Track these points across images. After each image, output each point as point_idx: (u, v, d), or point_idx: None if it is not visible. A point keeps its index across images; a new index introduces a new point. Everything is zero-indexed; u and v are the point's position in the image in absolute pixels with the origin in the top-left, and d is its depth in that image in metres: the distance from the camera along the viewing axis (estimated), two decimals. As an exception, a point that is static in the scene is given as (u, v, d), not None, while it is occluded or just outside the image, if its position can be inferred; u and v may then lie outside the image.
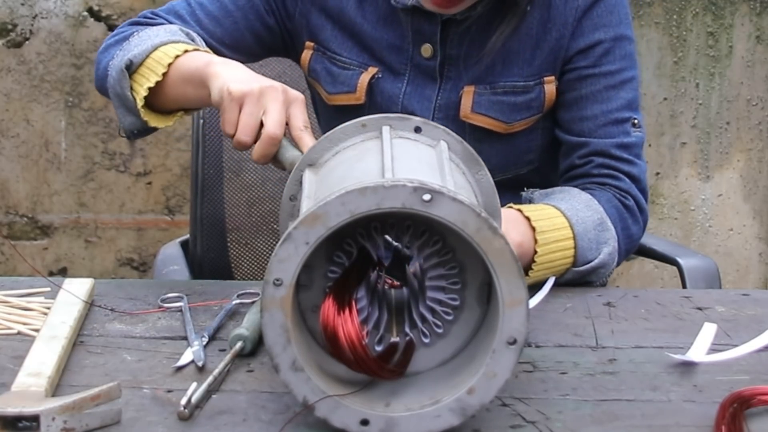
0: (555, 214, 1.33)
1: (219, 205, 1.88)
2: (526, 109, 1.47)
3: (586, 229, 1.34)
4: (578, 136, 1.47)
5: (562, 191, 1.41)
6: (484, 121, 1.46)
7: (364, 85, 1.48)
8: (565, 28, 1.44)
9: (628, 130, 1.46)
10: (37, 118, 2.78)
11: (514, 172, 1.51)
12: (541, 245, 1.29)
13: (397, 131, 1.08)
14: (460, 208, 0.89)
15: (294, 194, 1.13)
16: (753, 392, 0.96)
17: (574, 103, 1.47)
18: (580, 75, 1.46)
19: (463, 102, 1.46)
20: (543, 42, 1.45)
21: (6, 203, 2.83)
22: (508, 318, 0.91)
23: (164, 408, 0.99)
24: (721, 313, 1.25)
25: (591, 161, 1.46)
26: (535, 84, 1.46)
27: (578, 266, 1.33)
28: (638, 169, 1.46)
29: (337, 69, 1.51)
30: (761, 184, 2.88)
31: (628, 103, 1.47)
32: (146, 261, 2.87)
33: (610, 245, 1.36)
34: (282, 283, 0.91)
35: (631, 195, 1.45)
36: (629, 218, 1.43)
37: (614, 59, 1.46)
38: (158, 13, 1.51)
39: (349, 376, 0.96)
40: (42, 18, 2.72)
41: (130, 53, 1.35)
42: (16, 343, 1.14)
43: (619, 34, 1.46)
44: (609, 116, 1.45)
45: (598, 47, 1.45)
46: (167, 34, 1.38)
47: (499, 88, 1.46)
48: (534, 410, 0.99)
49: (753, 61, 2.80)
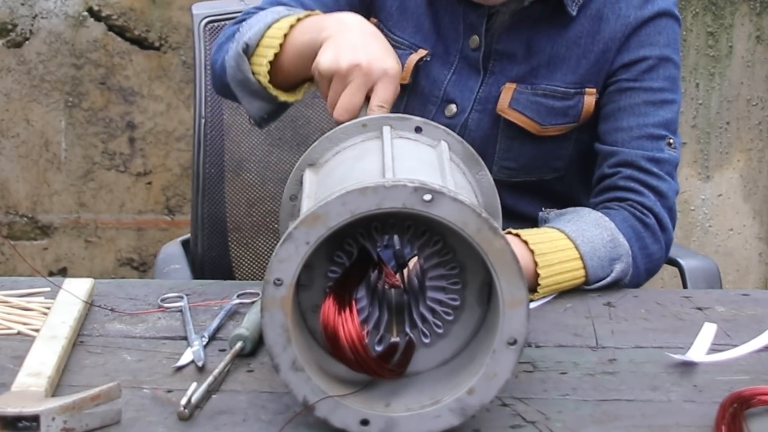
0: (558, 236, 1.33)
1: (220, 205, 1.88)
2: (562, 115, 1.47)
3: (595, 247, 1.32)
4: (611, 145, 1.46)
5: (573, 212, 1.40)
6: (519, 118, 1.46)
7: (411, 66, 1.50)
8: (612, 42, 1.44)
9: (661, 147, 1.44)
10: (37, 118, 2.78)
11: (538, 175, 1.51)
12: (543, 267, 1.28)
13: (398, 131, 1.08)
14: (461, 208, 0.89)
15: (294, 194, 1.13)
16: (753, 392, 0.96)
17: (612, 115, 1.46)
18: (621, 87, 1.46)
19: (502, 96, 1.47)
20: (590, 53, 1.45)
21: (6, 203, 2.83)
22: (508, 318, 0.91)
23: (164, 408, 0.99)
24: (721, 313, 1.25)
25: (619, 172, 1.44)
26: (576, 92, 1.46)
27: (590, 284, 1.32)
28: (667, 186, 1.44)
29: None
30: (761, 184, 2.88)
31: (665, 122, 1.45)
32: (146, 261, 2.87)
33: (623, 261, 1.35)
34: (282, 283, 0.91)
35: (654, 213, 1.42)
36: (648, 237, 1.41)
37: (657, 77, 1.45)
38: (261, 6, 1.50)
39: (349, 376, 0.96)
40: (42, 18, 2.72)
41: (244, 37, 1.36)
42: (16, 343, 1.14)
43: (665, 55, 1.46)
44: (644, 130, 1.44)
45: (642, 63, 1.45)
46: (276, 14, 1.38)
47: (540, 90, 1.46)
48: (534, 410, 0.99)
49: (753, 61, 2.80)
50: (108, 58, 2.75)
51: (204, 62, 1.85)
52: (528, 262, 1.27)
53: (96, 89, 2.76)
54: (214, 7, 1.89)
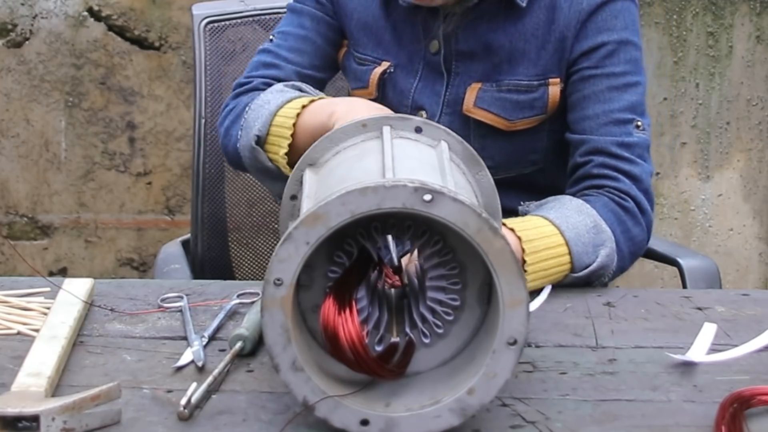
0: (542, 223, 1.33)
1: (220, 205, 1.88)
2: (528, 108, 1.48)
3: (579, 234, 1.33)
4: (580, 134, 1.47)
5: (554, 200, 1.41)
6: (486, 116, 1.48)
7: (375, 79, 1.53)
8: (568, 30, 1.45)
9: (630, 131, 1.45)
10: (37, 118, 2.78)
11: (517, 170, 1.52)
12: (530, 254, 1.28)
13: (398, 131, 1.08)
14: (461, 208, 0.89)
15: (294, 194, 1.13)
16: (753, 392, 0.96)
17: (578, 104, 1.47)
18: (583, 76, 1.47)
19: (466, 97, 1.48)
20: (548, 43, 1.46)
21: (6, 203, 2.83)
22: (508, 318, 0.91)
23: (164, 408, 0.99)
24: (721, 313, 1.25)
25: (591, 160, 1.45)
26: (540, 84, 1.47)
27: (577, 272, 1.33)
28: (640, 169, 1.45)
29: (355, 65, 1.57)
30: (761, 184, 2.88)
31: (631, 106, 1.46)
32: (146, 261, 2.87)
33: (607, 246, 1.36)
34: (282, 283, 0.91)
35: (631, 196, 1.43)
36: (629, 220, 1.42)
37: (618, 62, 1.46)
38: (251, 76, 1.56)
39: (349, 376, 0.96)
40: (42, 18, 2.72)
41: (253, 129, 1.41)
42: (16, 343, 1.14)
43: (624, 39, 1.46)
44: (610, 116, 1.45)
45: (601, 49, 1.46)
46: (278, 96, 1.43)
47: (504, 85, 1.47)
48: (534, 410, 0.99)
49: (753, 61, 2.80)
50: (108, 58, 2.75)
51: (204, 62, 1.85)
52: (516, 248, 1.28)
53: (96, 89, 2.76)
54: (214, 8, 1.89)
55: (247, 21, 1.89)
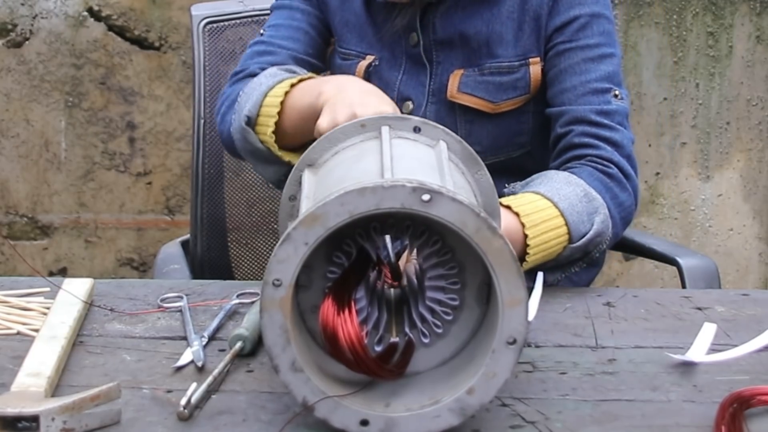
0: (535, 198, 1.34)
1: (219, 205, 1.88)
2: (512, 89, 1.50)
3: (572, 203, 1.34)
4: (559, 106, 1.49)
5: (539, 176, 1.42)
6: (470, 100, 1.50)
7: (361, 72, 1.54)
8: (541, 8, 1.48)
9: (608, 99, 1.47)
10: (37, 118, 2.78)
11: (505, 154, 1.54)
12: (529, 227, 1.29)
13: (396, 131, 1.08)
14: (460, 208, 0.89)
15: (293, 194, 1.13)
16: (753, 392, 0.96)
17: (555, 78, 1.50)
18: (558, 50, 1.49)
19: (450, 83, 1.50)
20: (523, 23, 1.49)
21: (6, 203, 2.83)
22: (507, 318, 0.91)
23: (164, 408, 0.99)
24: (721, 313, 1.25)
25: (572, 130, 1.47)
26: (520, 65, 1.49)
27: (575, 242, 1.33)
28: (620, 135, 1.46)
29: (340, 60, 1.59)
30: (761, 184, 2.88)
31: (608, 75, 1.48)
32: (146, 261, 2.87)
33: (601, 213, 1.36)
34: (281, 284, 0.91)
35: (614, 162, 1.44)
36: (615, 187, 1.43)
37: (591, 34, 1.48)
38: (247, 64, 1.57)
39: (349, 377, 0.96)
40: (42, 18, 2.72)
41: (244, 110, 1.42)
42: (15, 343, 1.14)
43: (596, 12, 1.49)
44: (588, 86, 1.47)
45: (574, 23, 1.48)
46: (269, 78, 1.44)
47: (486, 69, 1.50)
48: (534, 410, 0.99)
49: (753, 61, 2.80)
50: (108, 58, 2.75)
51: (203, 62, 1.85)
52: (515, 225, 1.28)
53: (96, 89, 2.76)
54: (213, 8, 1.89)
55: (246, 21, 1.89)
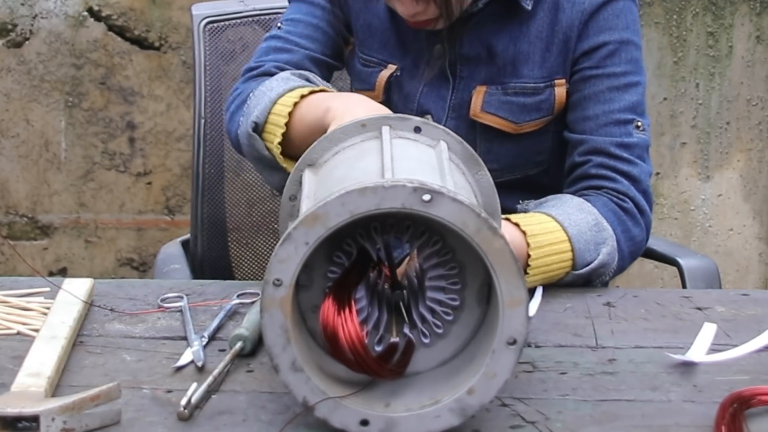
0: (546, 219, 1.33)
1: (220, 205, 1.88)
2: (536, 111, 1.48)
3: (581, 230, 1.33)
4: (580, 134, 1.47)
5: (554, 198, 1.41)
6: (494, 120, 1.47)
7: (383, 82, 1.52)
8: (571, 30, 1.45)
9: (630, 131, 1.45)
10: (37, 118, 2.78)
11: (523, 172, 1.52)
12: (534, 248, 1.28)
13: (397, 131, 1.08)
14: (460, 208, 0.89)
15: (294, 194, 1.13)
16: (753, 392, 0.96)
17: (578, 104, 1.47)
18: (584, 76, 1.46)
19: (473, 101, 1.48)
20: (552, 45, 1.46)
21: (6, 203, 2.83)
22: (508, 318, 0.91)
23: (164, 408, 0.99)
24: (721, 313, 1.25)
25: (590, 160, 1.45)
26: (546, 86, 1.47)
27: (578, 269, 1.33)
28: (638, 170, 1.45)
29: (360, 66, 1.56)
30: (761, 184, 2.88)
31: (631, 106, 1.46)
32: (146, 261, 2.87)
33: (608, 245, 1.36)
34: (282, 284, 0.91)
35: (629, 197, 1.43)
36: (629, 220, 1.42)
37: (619, 62, 1.46)
38: (262, 60, 1.54)
39: (349, 377, 0.96)
40: (42, 18, 2.72)
41: (252, 116, 1.40)
42: (15, 343, 1.14)
43: (625, 38, 1.46)
44: (610, 116, 1.45)
45: (602, 49, 1.46)
46: (281, 84, 1.41)
47: (510, 89, 1.47)
48: (534, 410, 0.99)
49: (753, 61, 2.80)
50: (108, 58, 2.75)
51: (204, 62, 1.85)
52: (520, 243, 1.28)
53: (96, 89, 2.76)
54: (213, 8, 1.89)
55: (247, 21, 1.89)
